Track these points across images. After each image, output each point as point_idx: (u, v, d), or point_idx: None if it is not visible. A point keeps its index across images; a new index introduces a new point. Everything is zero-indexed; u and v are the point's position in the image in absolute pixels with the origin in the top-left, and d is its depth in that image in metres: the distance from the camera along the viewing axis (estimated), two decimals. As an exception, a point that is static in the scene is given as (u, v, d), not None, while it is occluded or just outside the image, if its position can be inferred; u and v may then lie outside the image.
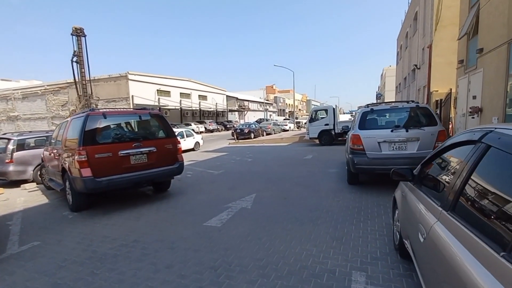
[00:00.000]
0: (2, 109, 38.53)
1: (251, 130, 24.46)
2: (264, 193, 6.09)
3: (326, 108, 15.29)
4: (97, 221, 4.83)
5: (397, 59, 31.00)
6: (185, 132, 16.45)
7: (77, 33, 23.01)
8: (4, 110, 38.35)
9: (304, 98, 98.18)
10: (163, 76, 34.83)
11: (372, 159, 5.39)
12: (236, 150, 15.42)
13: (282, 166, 9.42)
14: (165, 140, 5.91)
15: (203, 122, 36.57)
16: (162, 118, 6.08)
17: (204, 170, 9.41)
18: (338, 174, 7.59)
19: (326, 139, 15.14)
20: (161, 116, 6.07)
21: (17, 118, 37.34)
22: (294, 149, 14.52)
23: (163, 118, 6.09)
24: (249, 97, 61.18)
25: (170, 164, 5.90)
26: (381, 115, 5.97)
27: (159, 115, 6.06)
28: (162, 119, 6.07)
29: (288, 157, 11.64)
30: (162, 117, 6.09)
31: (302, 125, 37.46)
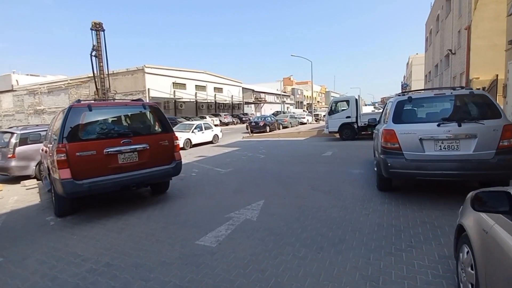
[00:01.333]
0: (30, 103, 39.95)
1: (266, 123, 23.44)
2: (274, 199, 5.13)
3: (348, 99, 13.93)
4: (77, 231, 4.11)
5: (425, 45, 28.56)
6: (204, 125, 16.03)
7: (96, 27, 22.89)
8: (32, 103, 39.74)
9: (323, 90, 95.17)
10: (178, 69, 34.39)
11: (412, 161, 4.26)
12: (249, 145, 14.51)
13: (298, 164, 8.39)
14: (160, 136, 5.08)
15: (218, 115, 35.91)
16: (158, 110, 5.24)
17: (212, 167, 8.58)
18: (364, 176, 6.47)
19: (347, 133, 13.85)
20: (156, 108, 5.24)
21: (43, 112, 38.56)
22: (312, 144, 13.38)
23: (158, 111, 5.25)
24: (265, 89, 59.85)
25: (165, 163, 5.08)
26: (422, 105, 4.78)
27: (154, 107, 5.22)
28: (158, 111, 5.23)
29: (305, 153, 10.56)
30: (158, 110, 5.25)
31: (320, 118, 35.87)
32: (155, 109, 5.20)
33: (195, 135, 15.05)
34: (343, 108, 14.05)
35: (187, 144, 14.42)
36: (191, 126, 15.37)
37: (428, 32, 26.72)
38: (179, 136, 14.64)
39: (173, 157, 5.21)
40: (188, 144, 14.46)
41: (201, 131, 15.47)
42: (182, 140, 14.03)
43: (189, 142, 14.56)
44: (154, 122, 5.18)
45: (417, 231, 3.49)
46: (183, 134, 14.56)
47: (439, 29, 21.01)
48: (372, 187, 5.53)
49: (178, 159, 5.28)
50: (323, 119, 35.69)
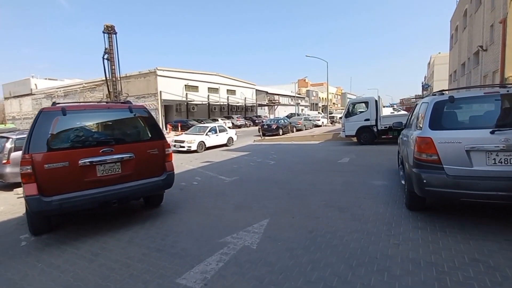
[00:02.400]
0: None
1: (279, 126, 22.59)
2: (281, 218, 4.32)
3: (367, 100, 12.86)
4: (45, 256, 3.48)
5: (450, 43, 26.79)
6: (218, 127, 15.64)
7: (108, 30, 22.96)
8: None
9: (339, 91, 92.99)
10: (191, 71, 34.21)
11: (455, 177, 3.34)
12: (259, 149, 13.73)
13: (310, 172, 7.52)
14: (149, 144, 4.40)
15: (231, 117, 35.41)
16: (147, 114, 4.57)
17: (216, 175, 7.87)
18: (388, 189, 5.53)
19: (366, 137, 12.78)
20: (145, 112, 4.57)
21: (59, 115, 39.50)
22: (327, 149, 12.42)
23: (148, 114, 4.58)
24: (280, 91, 58.94)
25: (154, 175, 4.40)
26: (468, 107, 3.84)
27: (142, 110, 4.56)
28: (147, 115, 4.56)
29: (319, 159, 9.66)
30: (147, 113, 4.58)
31: (336, 120, 34.59)
32: (144, 112, 4.53)
33: (209, 138, 14.67)
34: (362, 110, 12.99)
35: (201, 147, 14.01)
36: (205, 129, 15.01)
37: (453, 29, 25.01)
38: (193, 139, 14.22)
39: (164, 167, 4.52)
40: (202, 147, 14.04)
41: (215, 133, 15.11)
42: (195, 143, 13.74)
43: (203, 145, 14.15)
44: (142, 127, 4.51)
45: (467, 275, 2.59)
46: (197, 136, 14.25)
47: (466, 24, 19.45)
48: (399, 204, 4.61)
49: (170, 170, 4.58)
50: (338, 121, 34.44)
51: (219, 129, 15.61)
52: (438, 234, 3.49)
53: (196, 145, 13.69)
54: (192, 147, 13.59)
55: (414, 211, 4.25)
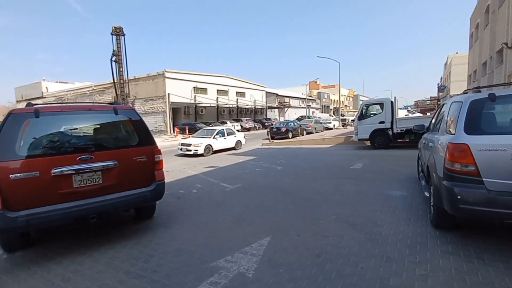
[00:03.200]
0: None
1: (288, 129, 21.96)
2: (284, 236, 3.74)
3: (382, 102, 12.09)
4: (9, 280, 3.03)
5: (470, 42, 25.51)
6: (226, 131, 15.24)
7: (117, 32, 23.05)
8: (62, 110, 41.66)
9: (351, 93, 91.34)
10: (200, 73, 34.07)
11: (499, 194, 2.69)
12: (267, 154, 13.16)
13: (320, 180, 6.89)
14: (136, 150, 3.92)
15: (240, 120, 34.99)
16: (135, 116, 4.10)
17: (218, 182, 7.35)
18: (408, 201, 4.85)
19: (380, 141, 11.99)
20: (133, 114, 4.09)
21: (72, 118, 40.19)
22: (338, 153, 11.72)
23: (136, 117, 4.10)
24: (290, 94, 58.23)
25: (141, 185, 3.91)
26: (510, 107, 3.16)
27: (130, 111, 4.08)
28: (135, 117, 4.08)
29: (330, 165, 8.99)
30: (135, 115, 4.10)
31: (348, 123, 33.59)
32: (132, 114, 4.05)
33: (217, 141, 14.27)
34: (376, 112, 12.24)
35: (208, 150, 13.59)
36: (213, 132, 14.61)
37: (473, 27, 23.77)
38: (200, 142, 13.71)
39: (153, 177, 4.02)
40: (209, 151, 13.62)
41: (223, 137, 14.70)
42: (202, 146, 13.33)
43: (210, 149, 13.74)
44: (129, 131, 4.03)
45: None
46: (204, 140, 13.88)
47: (489, 21, 18.33)
48: (422, 221, 3.94)
49: (160, 179, 4.08)
50: (351, 124, 33.42)
51: (227, 132, 15.21)
52: (475, 263, 2.84)
53: (203, 148, 13.27)
54: (198, 150, 13.18)
55: (442, 230, 3.58)
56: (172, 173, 9.15)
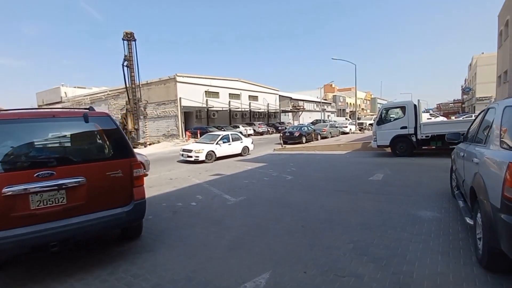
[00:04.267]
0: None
1: (302, 134, 21.05)
2: (287, 272, 2.99)
3: (404, 105, 11.04)
4: None
5: (499, 40, 23.68)
6: (231, 136, 14.48)
7: (128, 37, 23.17)
8: (79, 114, 42.72)
9: (368, 96, 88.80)
10: (211, 77, 33.83)
11: None
12: (278, 160, 12.39)
13: (334, 193, 6.05)
14: (109, 164, 3.30)
15: (252, 124, 34.39)
16: (109, 124, 3.47)
17: (221, 193, 6.68)
18: (443, 227, 3.96)
19: (402, 148, 10.93)
20: (106, 121, 3.47)
21: (88, 122, 41.07)
22: (355, 161, 10.77)
23: (110, 124, 3.48)
24: (305, 97, 57.18)
25: (115, 205, 3.29)
26: None
27: (104, 118, 3.47)
28: (109, 125, 3.46)
29: (346, 175, 8.11)
30: (109, 123, 3.48)
31: (365, 127, 32.20)
32: (106, 122, 3.44)
33: (220, 147, 13.55)
34: (397, 116, 11.21)
35: (210, 157, 12.93)
36: (216, 137, 13.89)
37: (502, 24, 22.03)
38: (201, 148, 12.92)
39: (131, 195, 3.39)
40: (211, 158, 12.96)
41: (227, 142, 13.98)
42: (204, 152, 12.65)
43: (212, 155, 13.06)
44: (102, 142, 3.42)
45: None
46: (206, 146, 13.19)
47: (521, 16, 16.77)
48: (465, 257, 3.07)
49: (139, 197, 3.44)
50: (368, 128, 32.01)
51: (233, 137, 14.48)
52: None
53: (204, 155, 12.59)
54: (200, 157, 12.51)
55: (495, 274, 2.71)
56: (176, 181, 8.59)
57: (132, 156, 3.45)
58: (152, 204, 6.11)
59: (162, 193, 7.17)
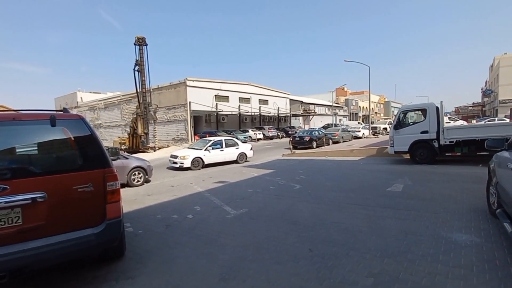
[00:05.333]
0: (90, 117, 43.70)
1: (312, 138, 20.29)
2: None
3: (425, 107, 10.15)
4: None
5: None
6: (225, 141, 13.58)
7: (139, 42, 23.22)
8: (92, 118, 43.41)
9: (382, 100, 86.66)
10: (221, 81, 33.56)
11: None
12: (286, 166, 11.71)
13: (348, 207, 5.33)
14: (77, 176, 2.77)
15: (262, 128, 33.80)
16: (80, 128, 2.94)
17: (221, 204, 6.09)
18: (486, 256, 3.19)
19: (423, 155, 10.04)
20: (77, 124, 2.94)
21: (100, 126, 41.61)
22: (370, 169, 9.96)
23: (81, 129, 2.94)
24: (315, 101, 56.21)
25: (83, 226, 2.74)
26: None
27: (73, 121, 2.94)
28: (80, 130, 2.93)
29: (360, 184, 7.35)
30: (81, 126, 2.94)
31: (379, 131, 30.98)
32: (77, 125, 2.91)
33: (209, 154, 12.72)
34: (417, 120, 10.34)
35: (197, 164, 12.21)
36: (208, 143, 13.14)
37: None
38: (186, 155, 12.09)
39: (103, 213, 2.84)
40: (198, 164, 12.24)
41: (219, 148, 13.10)
42: (189, 159, 11.87)
43: (200, 162, 12.32)
44: (69, 150, 2.89)
45: None
46: (193, 152, 12.53)
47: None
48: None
49: (113, 216, 2.89)
50: (382, 132, 30.80)
51: (227, 143, 13.55)
52: None
53: (189, 161, 11.93)
54: (184, 164, 11.86)
55: None
56: (176, 189, 8.08)
57: (107, 166, 2.90)
58: (146, 215, 5.60)
59: (160, 202, 6.66)
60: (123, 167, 8.95)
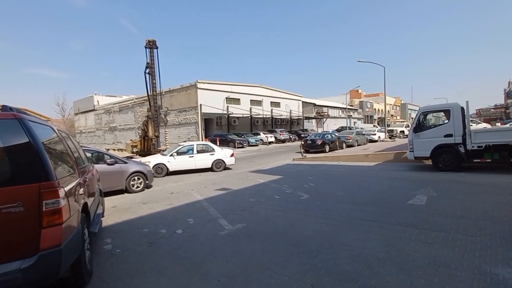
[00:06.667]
0: (106, 120, 44.49)
1: (325, 142, 19.37)
2: None
3: (448, 108, 9.13)
4: None
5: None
6: (197, 146, 12.56)
7: (150, 45, 23.17)
8: (107, 121, 44.16)
9: (398, 102, 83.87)
10: (232, 83, 33.17)
11: None
12: (295, 172, 10.95)
13: (362, 224, 4.53)
14: (1, 192, 2.18)
15: (274, 131, 33.06)
16: (13, 131, 2.33)
17: (217, 216, 5.44)
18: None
19: (447, 161, 9.02)
20: (9, 126, 2.34)
21: (115, 129, 42.22)
22: (388, 176, 9.03)
23: (14, 132, 2.33)
24: (329, 103, 54.92)
25: (7, 258, 2.16)
26: None
27: (7, 121, 2.35)
28: (11, 134, 2.32)
29: (376, 195, 6.51)
30: (15, 129, 2.34)
31: (396, 134, 29.52)
32: (9, 127, 2.33)
33: (174, 160, 11.88)
34: (440, 122, 9.36)
35: (161, 171, 11.54)
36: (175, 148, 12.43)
37: None
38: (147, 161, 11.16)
39: (37, 241, 2.23)
40: (162, 171, 11.59)
41: (188, 154, 12.14)
42: (150, 165, 10.74)
43: (163, 169, 11.65)
44: None
45: None
46: (155, 158, 11.99)
47: None
48: None
49: (50, 245, 2.28)
50: (400, 135, 29.34)
51: (200, 148, 12.48)
52: None
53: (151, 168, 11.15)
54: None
55: None
56: (174, 197, 7.52)
57: (45, 178, 2.31)
58: (133, 229, 5.03)
59: (153, 212, 6.10)
60: (122, 172, 8.50)
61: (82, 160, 4.31)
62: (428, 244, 3.63)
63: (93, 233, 3.67)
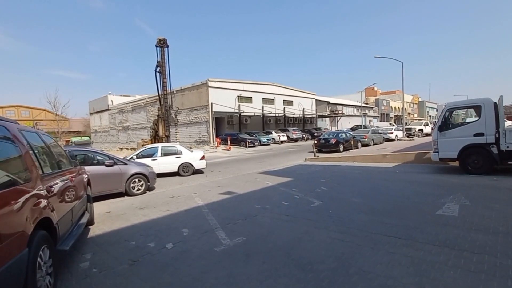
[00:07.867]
0: (120, 120, 45.08)
1: (339, 141, 18.45)
2: None
3: (479, 104, 8.10)
4: None
5: None
6: (162, 149, 11.71)
7: (161, 44, 22.97)
8: (121, 121, 44.75)
9: (415, 99, 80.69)
10: (244, 82, 32.59)
11: None
12: (307, 174, 10.21)
13: (382, 242, 3.78)
14: None
15: (286, 130, 32.26)
16: None
17: (216, 227, 4.83)
18: None
19: (478, 163, 8.02)
20: None
21: (128, 128, 42.69)
22: (409, 180, 8.14)
23: None
24: (343, 101, 53.37)
25: None
26: None
27: None
28: None
29: (398, 203, 5.70)
30: None
31: (414, 133, 28.03)
32: None
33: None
34: (469, 120, 8.36)
35: None
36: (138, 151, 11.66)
37: None
38: None
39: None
40: None
41: (150, 157, 11.27)
42: None
43: None
44: None
45: None
46: None
47: None
48: None
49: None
50: (418, 134, 27.85)
51: (164, 151, 11.64)
52: None
53: None
54: None
55: None
56: (174, 201, 7.01)
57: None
58: (119, 241, 4.50)
59: (147, 220, 5.57)
60: (121, 174, 8.08)
61: (56, 164, 3.80)
62: (471, 273, 2.86)
63: (63, 251, 3.14)
